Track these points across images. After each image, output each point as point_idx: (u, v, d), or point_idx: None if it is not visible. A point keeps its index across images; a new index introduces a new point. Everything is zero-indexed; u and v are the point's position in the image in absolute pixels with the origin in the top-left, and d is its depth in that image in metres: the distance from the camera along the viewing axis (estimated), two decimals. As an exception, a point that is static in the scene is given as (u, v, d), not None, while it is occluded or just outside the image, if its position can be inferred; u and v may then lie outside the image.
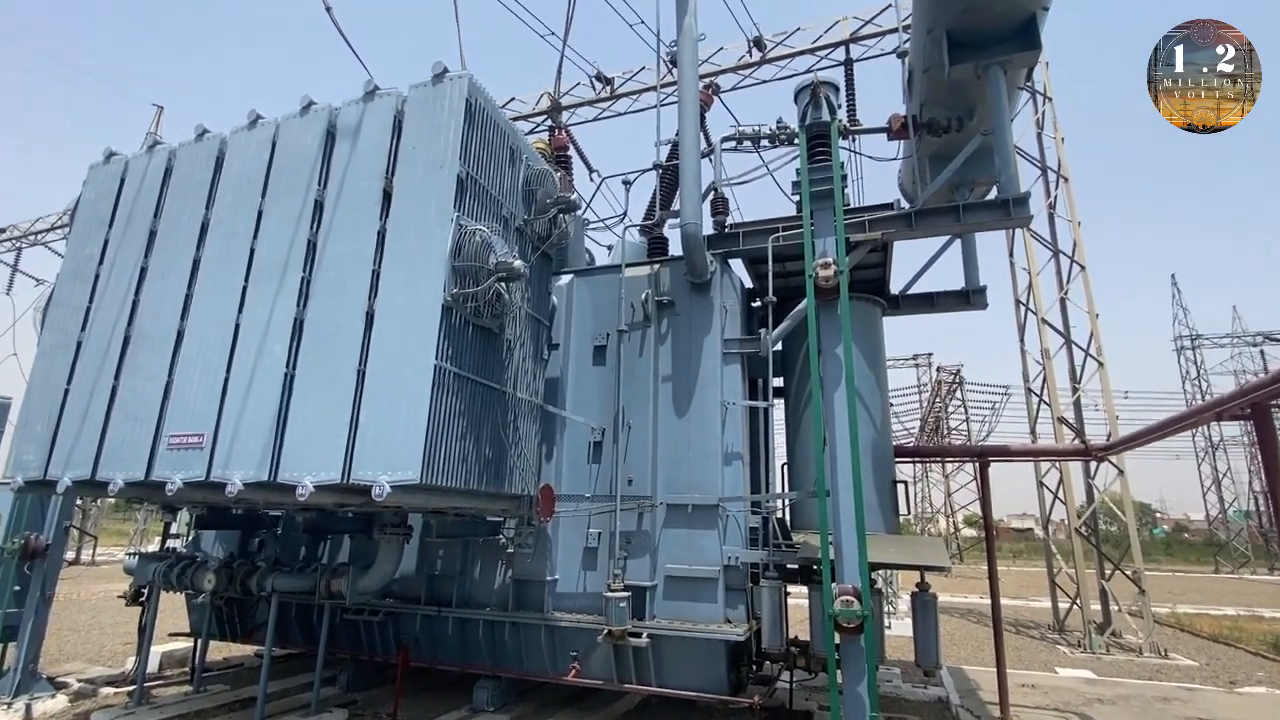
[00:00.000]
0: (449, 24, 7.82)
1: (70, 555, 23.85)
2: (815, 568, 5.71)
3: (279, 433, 5.20)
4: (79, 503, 19.25)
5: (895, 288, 8.03)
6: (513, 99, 15.03)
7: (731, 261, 7.33)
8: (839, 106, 6.73)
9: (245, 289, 5.78)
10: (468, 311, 5.40)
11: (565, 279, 7.80)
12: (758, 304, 6.76)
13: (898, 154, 8.12)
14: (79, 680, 8.00)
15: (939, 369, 32.69)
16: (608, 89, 14.31)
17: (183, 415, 5.66)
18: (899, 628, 12.30)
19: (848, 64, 11.09)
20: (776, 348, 6.91)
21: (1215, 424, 31.46)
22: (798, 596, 6.69)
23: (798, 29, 13.02)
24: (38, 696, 7.16)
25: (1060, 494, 13.60)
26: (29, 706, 6.97)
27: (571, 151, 9.82)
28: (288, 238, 5.72)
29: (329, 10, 6.15)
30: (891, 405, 11.27)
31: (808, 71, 12.63)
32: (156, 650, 8.52)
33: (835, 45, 12.52)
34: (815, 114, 6.47)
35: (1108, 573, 13.18)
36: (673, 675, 6.35)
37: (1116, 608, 12.91)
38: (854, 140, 7.79)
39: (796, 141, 6.51)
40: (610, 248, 9.27)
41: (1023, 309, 14.60)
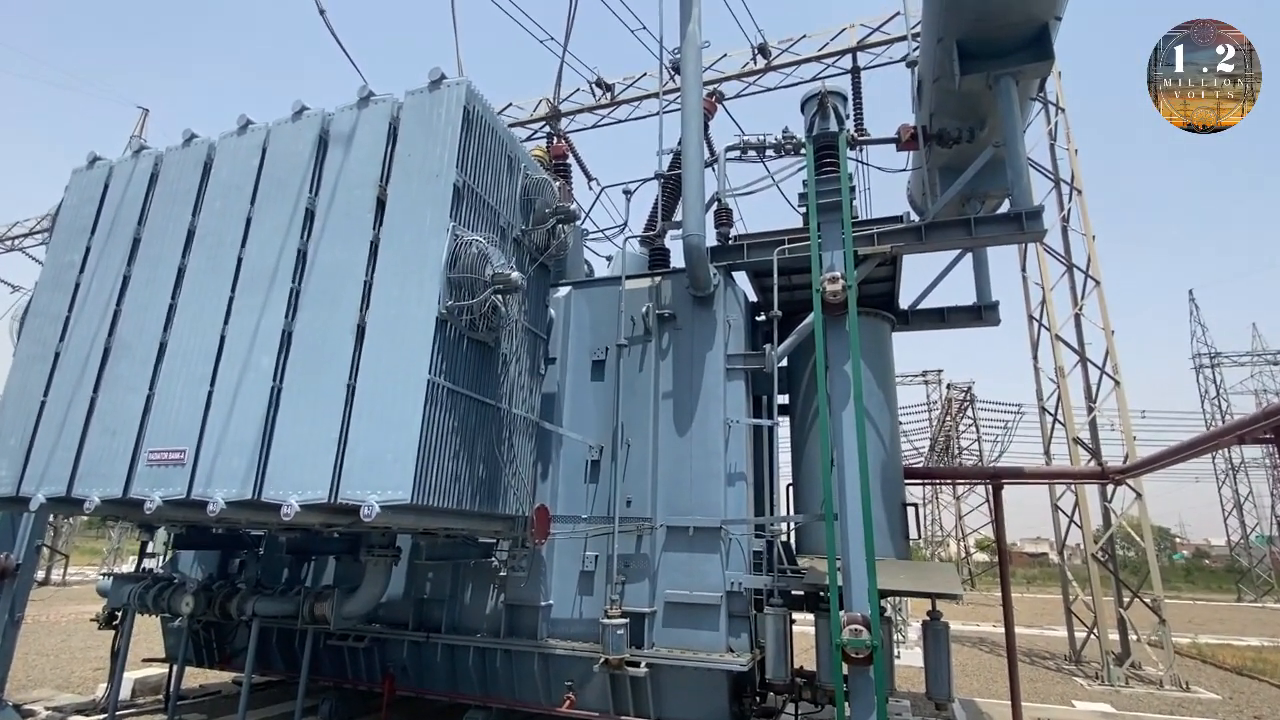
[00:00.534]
0: (447, 28, 7.72)
1: (40, 575, 23.16)
2: (822, 594, 5.56)
3: (264, 449, 5.03)
4: (50, 520, 18.92)
5: (904, 302, 7.92)
6: (510, 104, 14.99)
7: (735, 274, 7.21)
8: (846, 117, 6.60)
9: (232, 299, 5.63)
10: (463, 324, 5.26)
11: (563, 291, 7.65)
12: (762, 318, 6.59)
13: (907, 165, 7.99)
14: (47, 708, 7.71)
15: (949, 386, 32.11)
16: (608, 95, 14.29)
17: (164, 430, 5.48)
18: (909, 657, 12.00)
19: (855, 72, 11.05)
20: (782, 364, 6.78)
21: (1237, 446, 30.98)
22: (804, 624, 6.49)
23: (804, 36, 13.02)
24: (4, 725, 6.87)
25: (1076, 518, 13.28)
26: (-5, 735, 6.70)
27: (571, 160, 9.72)
28: (277, 247, 5.58)
29: (323, 14, 6.04)
30: (900, 424, 11.06)
31: (814, 79, 12.58)
32: (129, 676, 8.20)
33: (842, 53, 12.52)
34: (823, 124, 6.43)
35: (1126, 600, 12.81)
36: (672, 707, 6.13)
37: (1135, 637, 12.52)
38: (862, 151, 7.67)
39: (803, 152, 6.41)
40: (610, 259, 9.12)
41: (1036, 325, 14.39)
